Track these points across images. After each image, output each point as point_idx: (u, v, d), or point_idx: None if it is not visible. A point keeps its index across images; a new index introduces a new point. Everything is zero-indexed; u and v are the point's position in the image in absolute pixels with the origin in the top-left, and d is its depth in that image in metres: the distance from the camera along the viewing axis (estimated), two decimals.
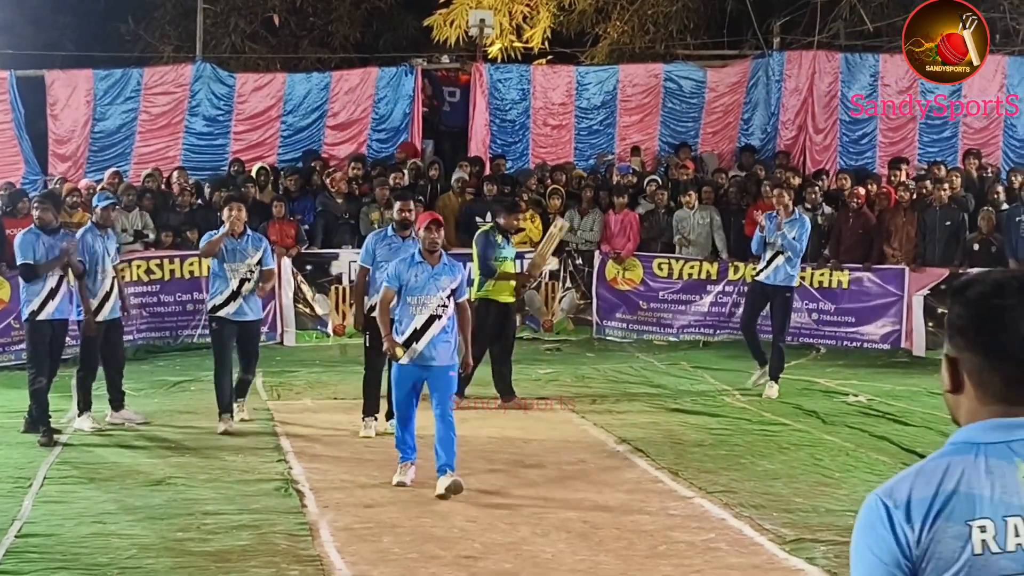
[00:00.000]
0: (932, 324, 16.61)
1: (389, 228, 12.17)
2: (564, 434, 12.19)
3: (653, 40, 23.82)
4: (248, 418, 12.52)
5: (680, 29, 23.92)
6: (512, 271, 13.85)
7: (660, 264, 18.20)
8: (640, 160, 20.53)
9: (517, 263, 14.96)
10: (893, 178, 18.44)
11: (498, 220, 13.94)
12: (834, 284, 17.37)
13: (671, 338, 18.13)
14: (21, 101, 19.83)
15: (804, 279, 16.54)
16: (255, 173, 18.99)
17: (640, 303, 18.29)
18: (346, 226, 18.32)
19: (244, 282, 12.09)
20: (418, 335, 9.67)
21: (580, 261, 18.32)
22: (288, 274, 17.42)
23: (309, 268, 17.85)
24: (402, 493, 9.82)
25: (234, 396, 12.41)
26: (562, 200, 18.61)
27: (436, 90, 21.64)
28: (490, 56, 22.95)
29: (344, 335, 17.30)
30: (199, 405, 13.28)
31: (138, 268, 16.90)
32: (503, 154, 20.69)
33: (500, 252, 13.47)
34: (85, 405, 12.28)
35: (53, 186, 17.84)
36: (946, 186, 17.49)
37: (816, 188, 17.95)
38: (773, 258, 14.35)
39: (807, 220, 14.87)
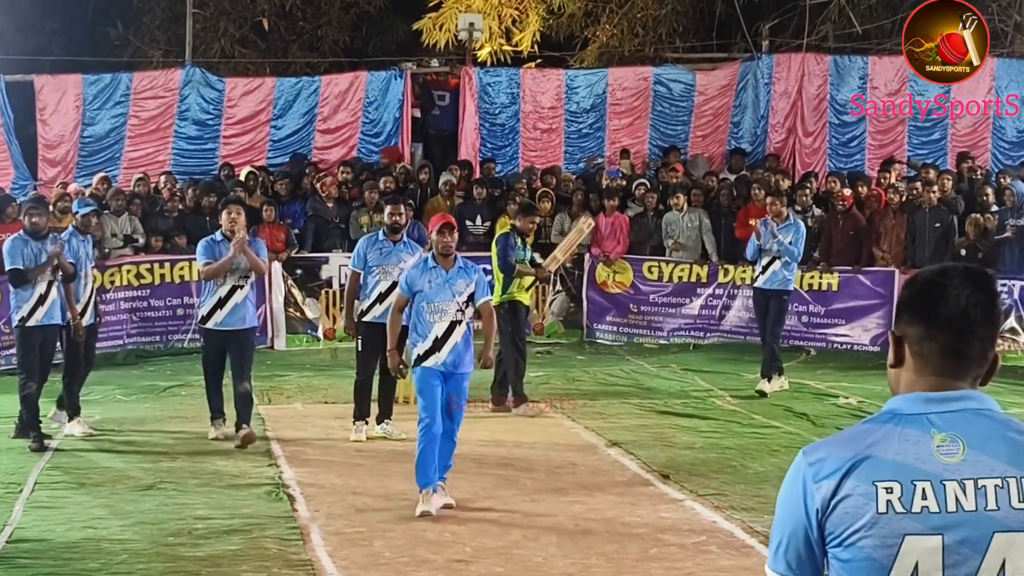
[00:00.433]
0: None
1: (380, 232, 12.18)
2: (555, 437, 12.19)
3: (642, 43, 23.84)
4: (255, 438, 11.75)
5: (669, 32, 23.94)
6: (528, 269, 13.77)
7: (650, 267, 18.21)
8: (629, 163, 20.55)
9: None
10: (883, 180, 18.48)
11: (515, 223, 13.90)
12: (824, 286, 17.40)
13: (661, 341, 18.14)
14: (10, 106, 19.81)
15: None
16: (244, 177, 18.98)
17: (630, 306, 18.30)
18: (336, 230, 18.32)
19: (236, 289, 11.71)
20: (440, 343, 9.31)
21: (570, 264, 18.31)
22: (278, 278, 17.41)
23: (299, 272, 17.86)
24: (393, 498, 9.81)
25: (239, 418, 11.73)
26: (552, 203, 18.62)
27: (424, 93, 21.63)
28: (479, 60, 22.96)
29: (334, 339, 17.29)
30: (189, 410, 13.26)
31: (128, 273, 16.87)
32: (493, 158, 20.70)
33: (519, 254, 13.44)
34: (74, 410, 12.25)
35: (56, 188, 17.85)
36: (935, 188, 17.54)
37: (806, 191, 17.99)
38: (769, 264, 14.48)
39: (801, 224, 14.97)
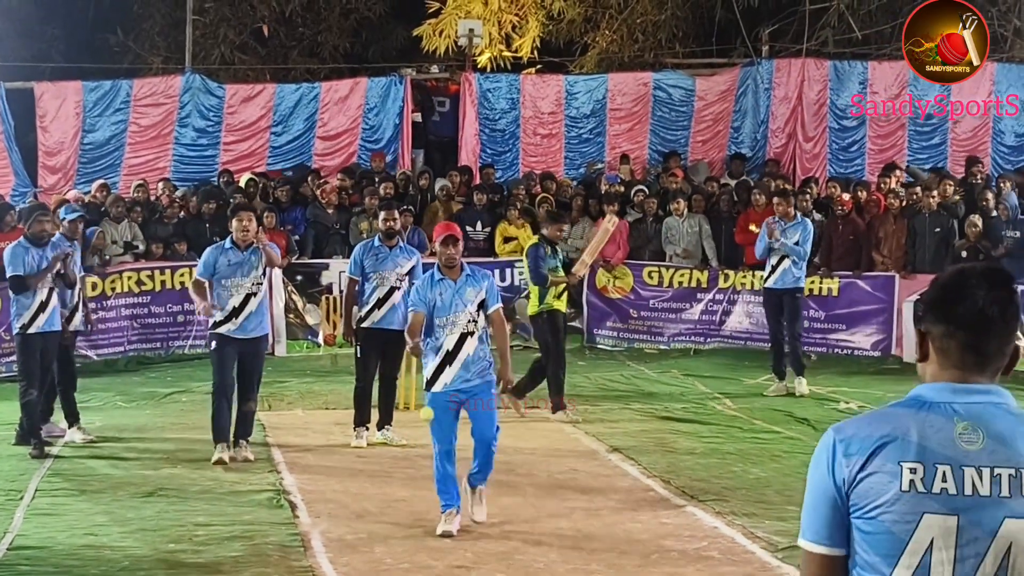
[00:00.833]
0: None
1: (376, 238, 12.17)
2: (555, 443, 12.19)
3: (642, 49, 23.85)
4: (252, 458, 11.28)
5: (669, 38, 23.94)
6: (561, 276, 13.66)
7: (650, 272, 18.20)
8: (629, 168, 20.55)
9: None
10: (883, 185, 18.48)
11: (543, 231, 13.87)
12: (825, 291, 17.39)
13: (662, 346, 18.14)
14: (10, 113, 19.83)
15: None
16: (244, 183, 18.98)
17: (631, 311, 18.30)
18: (336, 236, 18.34)
19: (250, 297, 11.21)
20: (451, 357, 8.91)
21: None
22: (279, 284, 17.40)
23: (300, 278, 17.86)
24: (394, 504, 9.81)
25: (237, 434, 11.36)
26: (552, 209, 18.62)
27: (424, 99, 21.64)
28: (479, 66, 22.96)
29: (335, 345, 17.28)
30: (190, 417, 13.25)
31: (128, 279, 16.88)
32: (493, 163, 20.72)
33: (550, 262, 13.35)
34: (72, 417, 12.25)
35: (55, 196, 17.89)
36: (935, 193, 17.54)
37: (807, 196, 17.96)
38: (779, 263, 14.54)
39: (809, 223, 15.05)
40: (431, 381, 8.98)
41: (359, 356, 12.07)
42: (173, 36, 24.76)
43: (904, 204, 17.67)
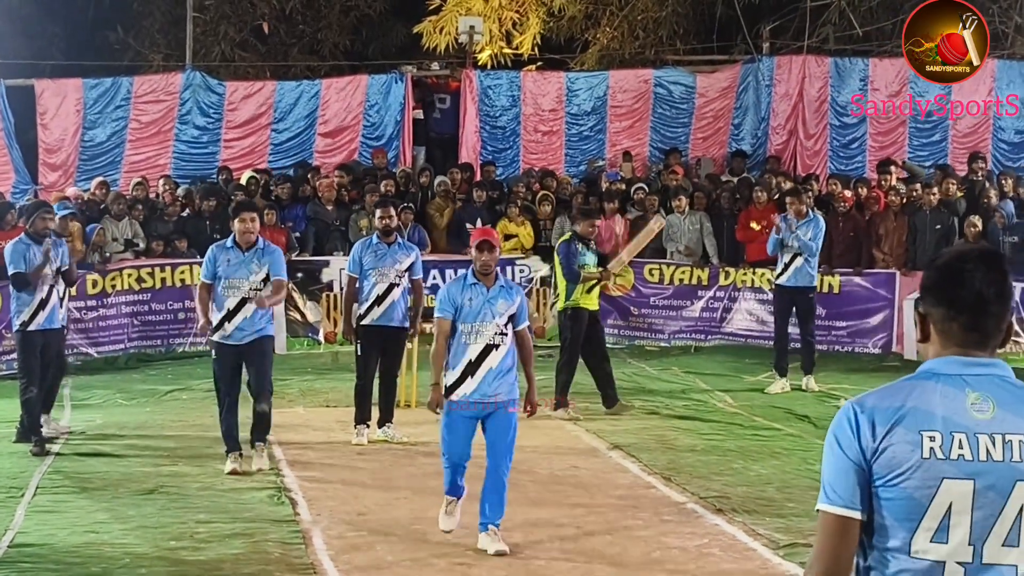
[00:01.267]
0: None
1: (374, 236, 12.17)
2: (556, 440, 12.19)
3: (643, 46, 23.83)
4: (266, 467, 10.85)
5: (670, 35, 23.92)
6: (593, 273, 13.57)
7: (651, 270, 18.18)
8: (631, 166, 20.54)
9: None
10: (884, 182, 18.46)
11: (575, 228, 13.85)
12: (825, 289, 17.37)
13: (662, 343, 18.13)
14: (11, 110, 19.82)
15: None
16: (245, 181, 18.97)
17: (631, 309, 18.29)
18: (336, 233, 18.33)
19: (246, 302, 10.71)
20: (473, 368, 8.47)
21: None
22: None
23: (300, 275, 17.81)
24: (395, 501, 9.81)
25: (252, 437, 10.99)
26: (552, 206, 18.64)
27: (425, 96, 21.63)
28: (480, 63, 22.94)
29: (335, 342, 17.26)
30: (191, 414, 13.27)
31: (129, 277, 16.86)
32: (493, 160, 20.70)
33: (583, 259, 13.34)
34: (46, 408, 12.29)
35: (55, 193, 17.90)
36: (935, 190, 17.53)
37: (809, 193, 17.93)
38: (791, 261, 14.56)
39: (821, 220, 15.07)
40: (450, 389, 8.53)
41: (359, 353, 12.07)
42: (173, 33, 24.74)
43: (905, 201, 17.66)
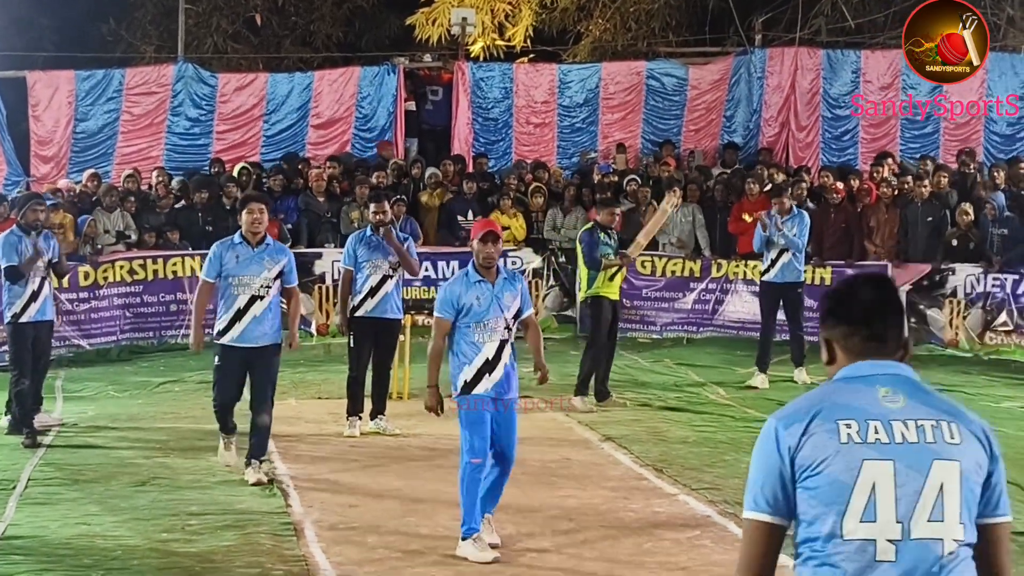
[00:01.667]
0: (914, 320, 16.67)
1: (368, 228, 12.16)
2: (548, 432, 12.19)
3: (635, 38, 23.83)
4: (265, 480, 10.09)
5: (662, 26, 23.92)
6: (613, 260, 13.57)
7: (643, 262, 18.16)
8: (624, 158, 20.54)
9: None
10: (875, 174, 18.48)
11: (596, 217, 13.85)
12: (817, 280, 17.38)
13: (655, 335, 18.15)
14: (2, 102, 19.79)
15: None
16: (237, 172, 18.95)
17: (624, 300, 18.26)
18: (328, 225, 18.31)
19: (255, 300, 10.12)
20: (491, 366, 8.32)
21: (564, 259, 18.27)
22: None
23: None
24: (387, 493, 9.82)
25: (249, 454, 10.23)
26: (544, 198, 18.64)
27: (417, 88, 21.62)
28: (472, 54, 22.94)
29: (328, 334, 17.27)
30: (183, 406, 13.27)
31: (121, 269, 16.84)
32: (486, 152, 20.70)
33: (604, 248, 13.37)
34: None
35: (47, 185, 17.89)
36: (926, 182, 17.55)
37: (801, 185, 17.95)
38: (778, 257, 14.57)
39: (806, 215, 15.07)
40: (470, 385, 8.30)
41: (352, 345, 12.07)
42: (165, 25, 24.70)
43: (896, 193, 17.69)
